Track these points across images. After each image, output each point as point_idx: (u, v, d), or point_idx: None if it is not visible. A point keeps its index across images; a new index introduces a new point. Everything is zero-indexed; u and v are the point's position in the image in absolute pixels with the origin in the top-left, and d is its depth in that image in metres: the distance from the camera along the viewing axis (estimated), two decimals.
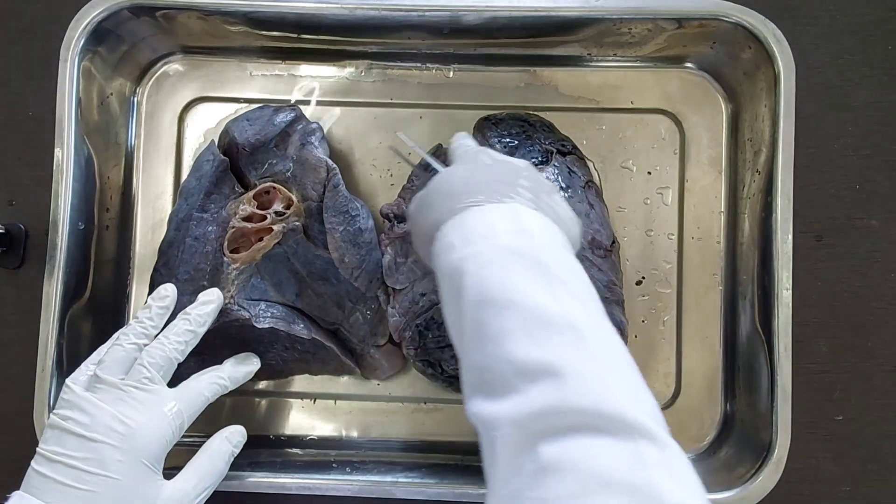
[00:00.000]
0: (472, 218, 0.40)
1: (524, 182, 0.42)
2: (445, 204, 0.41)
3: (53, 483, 0.44)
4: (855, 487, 0.58)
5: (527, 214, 0.40)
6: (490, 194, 0.41)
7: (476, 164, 0.44)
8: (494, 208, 0.40)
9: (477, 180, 0.42)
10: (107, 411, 0.45)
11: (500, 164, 0.44)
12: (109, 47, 0.58)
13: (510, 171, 0.43)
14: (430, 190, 0.43)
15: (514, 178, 0.42)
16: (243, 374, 0.53)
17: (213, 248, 0.54)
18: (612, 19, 0.55)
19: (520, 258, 0.37)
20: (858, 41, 0.59)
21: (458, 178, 0.43)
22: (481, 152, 0.46)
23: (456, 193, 0.41)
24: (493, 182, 0.42)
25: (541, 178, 0.44)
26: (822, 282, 0.59)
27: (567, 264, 0.38)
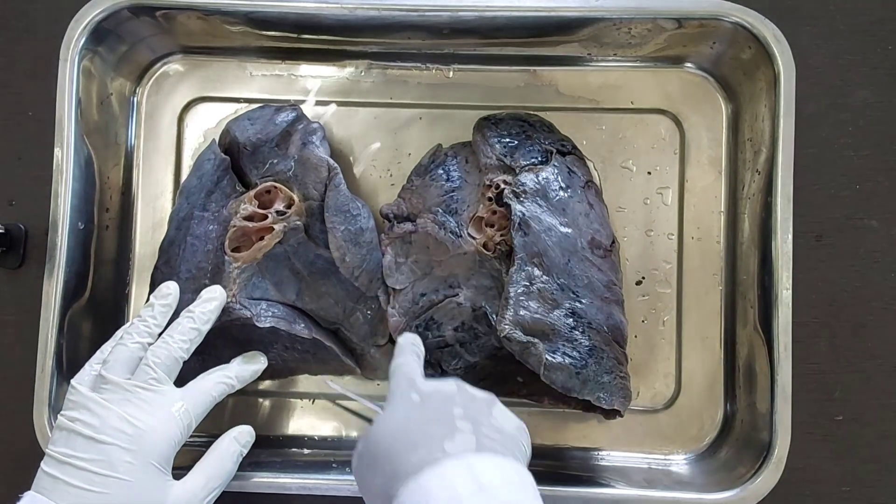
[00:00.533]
0: (431, 483, 0.38)
1: (458, 412, 0.42)
2: (389, 466, 0.40)
3: (63, 484, 0.44)
4: (855, 487, 0.58)
5: (481, 466, 0.38)
6: (430, 446, 0.39)
7: (406, 406, 0.43)
8: (449, 469, 0.38)
9: (414, 429, 0.41)
10: (114, 412, 0.45)
11: (430, 398, 0.43)
12: (109, 47, 0.58)
13: (442, 404, 0.42)
14: (369, 446, 0.42)
15: (448, 414, 0.41)
16: (251, 373, 0.53)
17: (214, 247, 0.54)
18: (611, 19, 0.55)
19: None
20: (858, 41, 0.59)
21: (393, 431, 0.41)
22: (409, 386, 0.44)
23: (396, 452, 0.40)
24: (429, 426, 0.41)
25: (474, 398, 0.43)
26: (821, 282, 0.59)
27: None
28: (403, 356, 0.48)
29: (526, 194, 0.53)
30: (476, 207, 0.55)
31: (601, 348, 0.52)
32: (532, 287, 0.51)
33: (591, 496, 0.53)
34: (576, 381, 0.51)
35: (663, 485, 0.55)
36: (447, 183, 0.56)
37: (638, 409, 0.58)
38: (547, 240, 0.52)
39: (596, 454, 0.58)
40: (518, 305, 0.51)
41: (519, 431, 0.43)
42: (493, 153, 0.55)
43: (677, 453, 0.58)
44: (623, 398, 0.52)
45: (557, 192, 0.53)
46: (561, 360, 0.51)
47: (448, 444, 0.39)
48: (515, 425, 0.44)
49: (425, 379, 0.45)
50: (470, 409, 0.42)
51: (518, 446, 0.42)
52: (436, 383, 0.44)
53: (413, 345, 0.49)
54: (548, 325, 0.51)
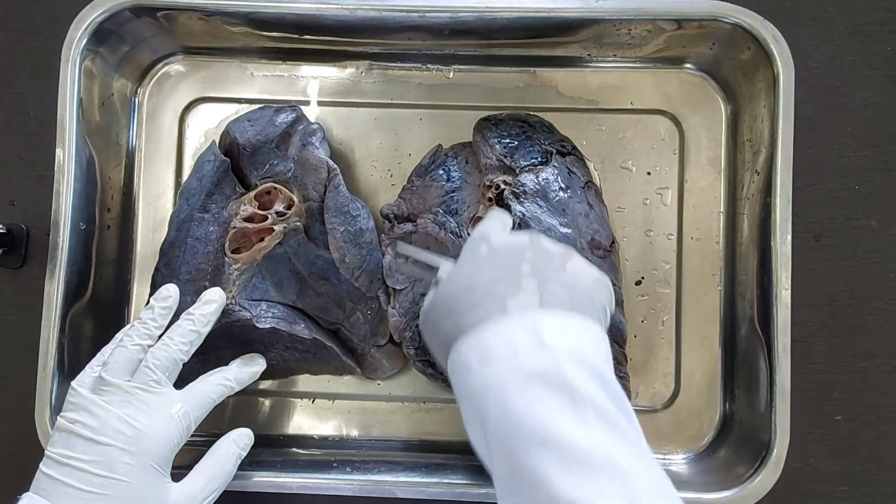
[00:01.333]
0: (490, 335, 0.38)
1: (526, 268, 0.41)
2: (452, 319, 0.40)
3: (62, 486, 0.44)
4: (854, 487, 0.58)
5: (546, 325, 0.38)
6: (492, 303, 0.39)
7: (474, 261, 0.43)
8: (511, 323, 0.38)
9: (479, 285, 0.40)
10: (114, 414, 0.46)
11: (500, 252, 0.42)
12: (111, 48, 0.58)
13: (511, 259, 0.42)
14: (435, 303, 0.42)
15: (515, 270, 0.41)
16: (249, 375, 0.53)
17: (214, 249, 0.54)
18: (611, 20, 0.55)
19: (545, 383, 0.36)
20: (857, 42, 0.60)
21: (458, 287, 0.41)
22: (480, 239, 0.44)
23: (461, 307, 0.40)
24: (494, 283, 0.40)
25: (547, 253, 0.42)
26: (821, 282, 0.59)
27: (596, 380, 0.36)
28: (487, 221, 0.47)
29: (526, 195, 0.53)
30: (476, 208, 0.55)
31: None
32: None
33: None
34: None
35: None
36: (447, 183, 0.56)
37: (637, 408, 0.58)
38: None
39: None
40: None
41: (596, 285, 0.42)
42: (493, 154, 0.55)
43: (676, 453, 0.58)
44: None
45: (557, 192, 0.54)
46: None
47: (510, 301, 0.39)
48: (592, 279, 0.42)
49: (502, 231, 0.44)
50: (540, 263, 0.41)
51: (592, 301, 0.41)
52: (509, 237, 0.44)
53: (501, 214, 0.49)
54: None
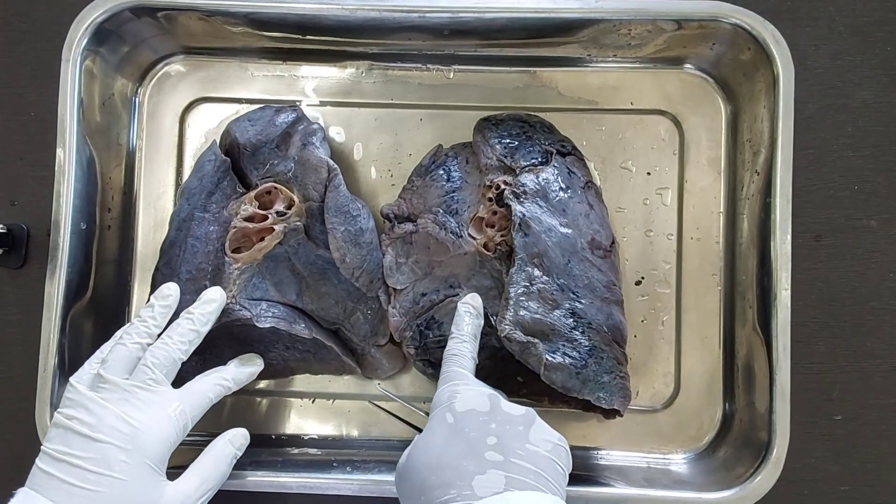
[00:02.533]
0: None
1: (492, 441, 0.43)
2: (424, 498, 0.42)
3: (58, 482, 0.44)
4: (854, 487, 0.58)
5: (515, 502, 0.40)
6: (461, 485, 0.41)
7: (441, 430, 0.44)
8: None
9: (448, 462, 0.42)
10: (111, 411, 0.46)
11: (464, 420, 0.44)
12: (111, 48, 0.58)
13: (476, 430, 0.44)
14: (408, 470, 0.44)
15: (480, 444, 0.43)
16: (247, 376, 0.53)
17: (214, 248, 0.54)
18: (611, 20, 0.55)
19: None
20: (857, 42, 0.60)
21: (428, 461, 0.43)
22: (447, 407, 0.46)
23: (430, 486, 0.42)
24: (463, 459, 0.42)
25: (509, 418, 0.44)
26: (821, 282, 0.59)
27: None
28: (460, 341, 0.50)
29: (526, 195, 0.53)
30: (476, 208, 0.55)
31: (601, 348, 0.52)
32: (532, 287, 0.52)
33: (591, 495, 0.53)
34: (576, 381, 0.51)
35: (662, 484, 0.55)
36: (448, 183, 0.56)
37: (637, 408, 0.59)
38: (547, 240, 0.52)
39: (595, 453, 0.58)
40: (518, 306, 0.51)
41: (555, 451, 0.44)
42: (494, 154, 0.55)
43: (676, 453, 0.58)
44: (623, 398, 0.53)
45: (557, 192, 0.54)
46: (561, 360, 0.51)
47: (478, 484, 0.41)
48: (551, 447, 0.44)
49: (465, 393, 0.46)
50: (504, 434, 0.43)
51: (553, 470, 0.43)
52: (472, 400, 0.45)
53: (474, 317, 0.52)
54: (548, 325, 0.51)
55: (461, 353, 0.50)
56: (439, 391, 0.48)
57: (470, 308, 0.52)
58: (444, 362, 0.50)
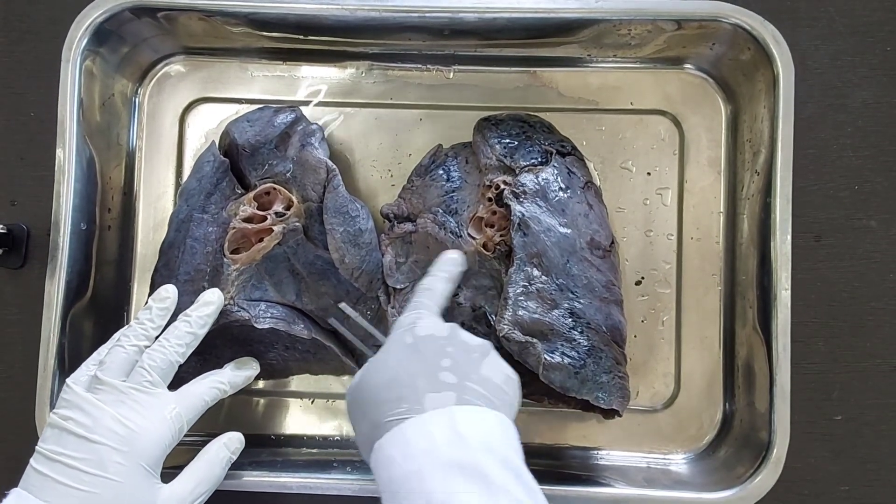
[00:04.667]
0: (411, 430, 0.41)
1: (447, 362, 0.44)
2: (375, 413, 0.43)
3: (52, 482, 0.44)
4: (853, 487, 0.58)
5: (462, 418, 0.41)
6: (415, 397, 0.42)
7: (398, 351, 0.45)
8: (431, 418, 0.41)
9: (402, 378, 0.43)
10: (107, 413, 0.46)
11: (423, 343, 0.45)
12: (111, 48, 0.58)
13: (433, 353, 0.44)
14: (361, 388, 0.45)
15: (435, 365, 0.43)
16: (243, 379, 0.53)
17: (213, 249, 0.54)
18: (611, 20, 0.55)
19: (461, 472, 0.39)
20: (857, 42, 0.60)
21: (382, 379, 0.44)
22: (407, 329, 0.46)
23: (382, 400, 0.43)
24: (416, 378, 0.43)
25: (466, 346, 0.45)
26: (820, 282, 0.59)
27: (507, 469, 0.40)
28: (434, 278, 0.51)
29: (526, 195, 0.53)
30: (476, 208, 0.55)
31: (600, 348, 0.52)
32: (531, 287, 0.52)
33: (591, 495, 0.53)
34: (574, 381, 0.51)
35: (662, 484, 0.55)
36: (447, 183, 0.56)
37: (637, 408, 0.59)
38: (546, 240, 0.52)
39: (595, 454, 0.58)
40: (517, 305, 0.51)
41: (507, 383, 0.45)
42: (493, 154, 0.55)
43: (676, 453, 0.58)
44: (622, 398, 0.53)
45: (557, 192, 0.54)
46: (560, 360, 0.51)
47: (429, 400, 0.42)
48: (503, 377, 0.45)
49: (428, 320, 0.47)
50: (459, 358, 0.44)
51: (503, 397, 0.44)
52: (432, 326, 0.46)
53: (455, 265, 0.52)
54: (546, 325, 0.51)
55: (434, 288, 0.50)
56: (403, 316, 0.48)
57: (455, 254, 0.52)
58: (415, 293, 0.50)
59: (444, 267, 0.52)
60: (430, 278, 0.51)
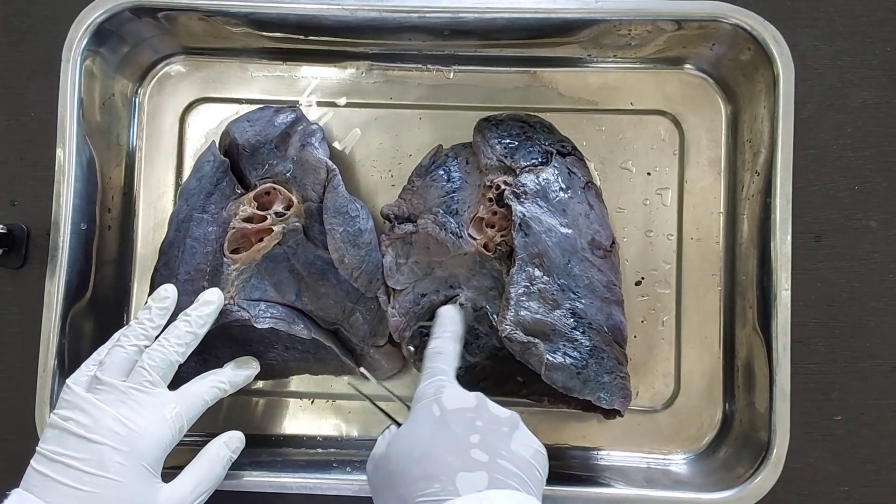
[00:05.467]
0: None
1: (476, 439, 0.43)
2: (404, 489, 0.42)
3: (53, 482, 0.44)
4: (853, 487, 0.58)
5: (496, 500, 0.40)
6: (447, 477, 0.41)
7: (427, 424, 0.45)
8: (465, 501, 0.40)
9: (432, 454, 0.42)
10: (108, 413, 0.46)
11: (452, 416, 0.44)
12: (111, 48, 0.58)
13: (462, 427, 0.44)
14: (388, 460, 0.44)
15: (466, 442, 0.43)
16: (243, 379, 0.53)
17: (213, 249, 0.54)
18: (611, 21, 0.55)
19: None
20: (857, 43, 0.60)
21: (411, 453, 0.43)
22: (435, 394, 0.46)
23: (412, 478, 0.42)
24: (448, 454, 0.42)
25: (496, 420, 0.45)
26: (820, 282, 0.59)
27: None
28: (442, 340, 0.50)
29: (526, 195, 0.53)
30: (476, 208, 0.55)
31: (602, 348, 0.52)
32: (532, 287, 0.52)
33: (591, 496, 0.53)
34: (576, 381, 0.51)
35: (662, 484, 0.55)
36: (448, 184, 0.56)
37: (637, 408, 0.59)
38: (547, 240, 0.52)
39: (595, 454, 0.58)
40: (519, 306, 0.51)
41: (535, 457, 0.44)
42: (494, 154, 0.55)
43: (676, 453, 0.58)
44: (623, 398, 0.53)
45: (557, 192, 0.54)
46: (562, 360, 0.51)
47: (462, 481, 0.41)
48: (532, 452, 0.45)
49: (452, 389, 0.47)
50: (489, 434, 0.44)
51: (534, 475, 0.44)
52: (460, 398, 0.46)
53: (455, 323, 0.52)
54: (548, 325, 0.51)
55: (445, 350, 0.50)
56: (423, 385, 0.48)
57: (452, 310, 0.52)
58: (428, 359, 0.50)
59: (446, 328, 0.51)
60: (438, 341, 0.50)
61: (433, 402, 0.46)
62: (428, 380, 0.48)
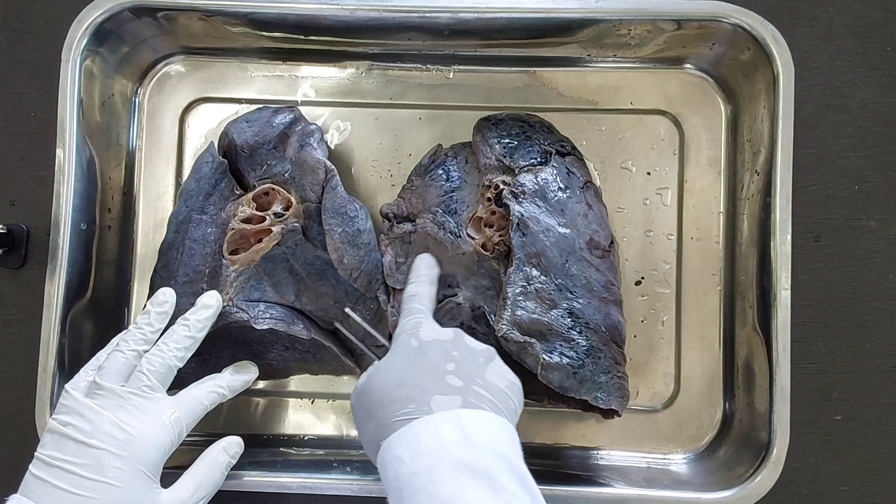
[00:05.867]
0: (419, 430, 0.42)
1: (452, 366, 0.45)
2: (381, 413, 0.44)
3: (52, 488, 0.44)
4: (853, 487, 0.58)
5: (469, 419, 0.42)
6: (422, 398, 0.43)
7: (405, 354, 0.47)
8: (440, 419, 0.42)
9: (409, 380, 0.45)
10: (107, 418, 0.46)
11: (429, 347, 0.47)
12: (111, 48, 0.58)
13: (439, 357, 0.46)
14: (367, 390, 0.46)
15: (441, 366, 0.45)
16: (241, 383, 0.53)
17: (212, 250, 0.54)
18: (611, 20, 0.55)
19: (469, 472, 0.40)
20: (857, 42, 0.60)
21: (389, 381, 0.45)
22: (413, 330, 0.48)
23: (389, 401, 0.44)
24: (422, 380, 0.45)
25: (470, 350, 0.47)
26: (820, 282, 0.59)
27: (512, 472, 0.41)
28: (418, 284, 0.53)
29: (525, 195, 0.53)
30: (475, 208, 0.55)
31: (599, 348, 0.52)
32: (530, 287, 0.52)
33: (591, 495, 0.53)
34: (573, 381, 0.51)
35: (662, 484, 0.55)
36: (447, 183, 0.56)
37: (637, 408, 0.59)
38: (545, 240, 0.52)
39: (595, 453, 0.58)
40: (516, 305, 0.51)
41: (510, 388, 0.47)
42: (493, 154, 0.55)
43: (676, 453, 0.58)
44: (621, 398, 0.53)
45: (556, 192, 0.54)
46: (558, 360, 0.51)
47: (437, 401, 0.43)
48: (507, 383, 0.47)
49: (429, 324, 0.49)
50: (465, 364, 0.46)
51: (507, 402, 0.46)
52: (436, 332, 0.48)
53: (430, 268, 0.54)
54: (545, 325, 0.51)
55: (421, 293, 0.52)
56: (403, 322, 0.50)
57: (426, 257, 0.54)
58: (405, 301, 0.52)
59: (422, 272, 0.53)
60: (414, 285, 0.53)
61: (411, 336, 0.48)
62: (406, 317, 0.50)
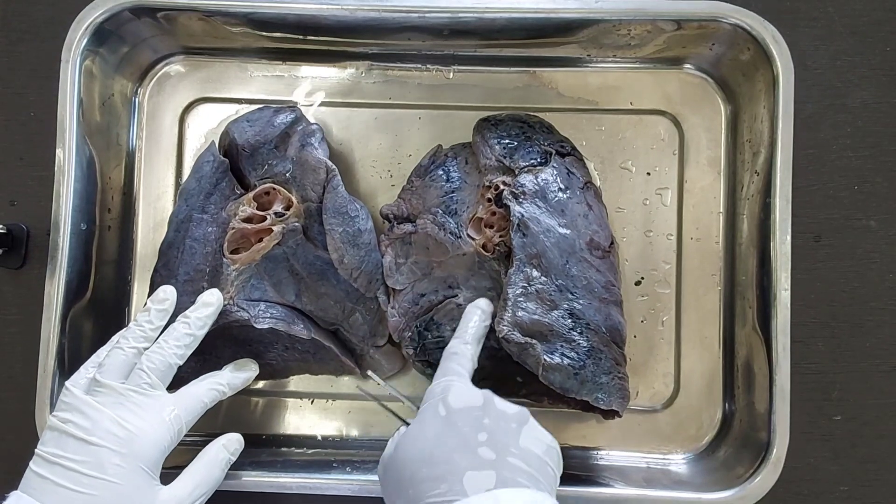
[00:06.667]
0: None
1: (483, 437, 0.43)
2: (412, 491, 0.42)
3: (52, 485, 0.44)
4: (853, 487, 0.58)
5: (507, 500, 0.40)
6: (455, 477, 0.41)
7: (433, 424, 0.44)
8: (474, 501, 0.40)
9: (439, 455, 0.42)
10: (107, 415, 0.46)
11: (458, 416, 0.44)
12: (111, 48, 0.58)
13: (469, 426, 0.43)
14: (396, 462, 0.44)
15: (472, 437, 0.43)
16: (242, 381, 0.53)
17: (212, 250, 0.54)
18: (611, 21, 0.55)
19: None
20: (857, 42, 0.60)
21: (419, 454, 0.43)
22: (440, 399, 0.45)
23: (420, 479, 0.42)
24: (455, 453, 0.42)
25: (503, 416, 0.44)
26: (820, 282, 0.59)
27: None
28: (461, 341, 0.50)
29: (525, 195, 0.53)
30: (475, 208, 0.55)
31: (599, 349, 0.52)
32: (530, 288, 0.52)
33: (591, 496, 0.53)
34: (574, 382, 0.51)
35: (662, 484, 0.55)
36: (447, 184, 0.56)
37: (637, 408, 0.59)
38: (545, 241, 0.52)
39: (595, 454, 0.58)
40: (516, 306, 0.51)
41: (548, 453, 0.44)
42: (493, 154, 0.55)
43: (676, 453, 0.58)
44: (621, 399, 0.53)
45: (556, 193, 0.54)
46: (559, 361, 0.51)
47: (469, 480, 0.41)
48: (545, 448, 0.44)
49: (460, 387, 0.46)
50: (497, 431, 0.43)
51: (545, 471, 0.43)
52: (466, 396, 0.45)
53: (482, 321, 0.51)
54: (546, 325, 0.51)
55: (462, 353, 0.50)
56: (433, 385, 0.48)
57: (479, 311, 0.52)
58: (444, 359, 0.50)
59: (470, 326, 0.51)
60: (457, 341, 0.50)
61: (439, 402, 0.45)
62: (439, 378, 0.48)
